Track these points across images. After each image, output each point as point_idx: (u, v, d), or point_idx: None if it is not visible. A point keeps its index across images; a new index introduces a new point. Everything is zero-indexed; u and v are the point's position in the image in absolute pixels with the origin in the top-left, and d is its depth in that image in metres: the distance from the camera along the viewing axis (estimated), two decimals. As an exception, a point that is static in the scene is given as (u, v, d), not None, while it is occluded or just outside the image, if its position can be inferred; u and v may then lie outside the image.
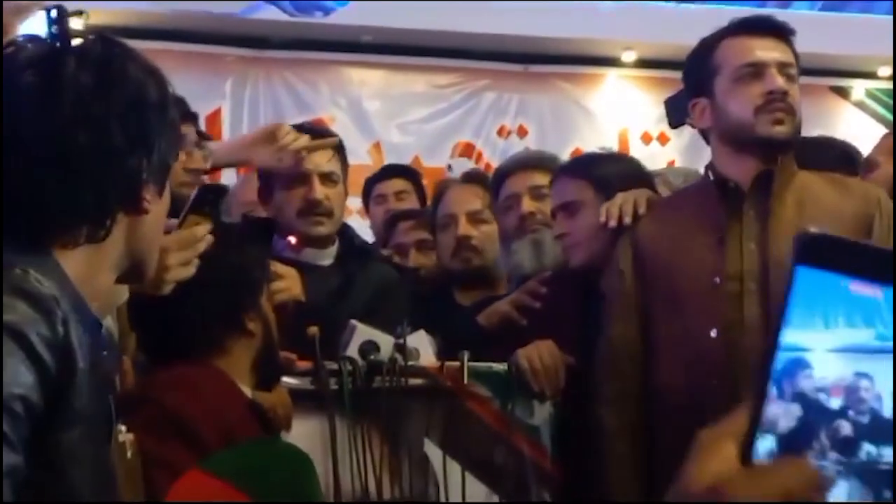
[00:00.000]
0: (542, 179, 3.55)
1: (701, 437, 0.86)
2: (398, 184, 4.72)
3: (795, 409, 0.86)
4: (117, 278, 1.78)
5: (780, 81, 2.83)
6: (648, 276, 2.88)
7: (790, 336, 0.87)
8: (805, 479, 0.82)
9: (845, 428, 0.85)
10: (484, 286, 3.64)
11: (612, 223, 2.96)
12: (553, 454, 3.15)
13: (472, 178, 3.92)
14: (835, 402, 0.86)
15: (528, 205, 3.55)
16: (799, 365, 0.87)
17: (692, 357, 2.76)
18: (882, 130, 7.26)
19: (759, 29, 2.91)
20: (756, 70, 2.84)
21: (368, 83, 7.63)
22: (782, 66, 2.86)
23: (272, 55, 7.43)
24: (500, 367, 3.13)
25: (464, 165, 6.77)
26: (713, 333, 2.73)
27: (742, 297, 2.75)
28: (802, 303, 0.88)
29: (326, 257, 3.39)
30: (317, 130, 3.57)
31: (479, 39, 7.49)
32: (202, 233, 2.32)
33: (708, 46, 2.94)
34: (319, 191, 3.31)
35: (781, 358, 0.86)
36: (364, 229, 5.37)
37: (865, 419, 0.85)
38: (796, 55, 2.93)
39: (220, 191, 2.58)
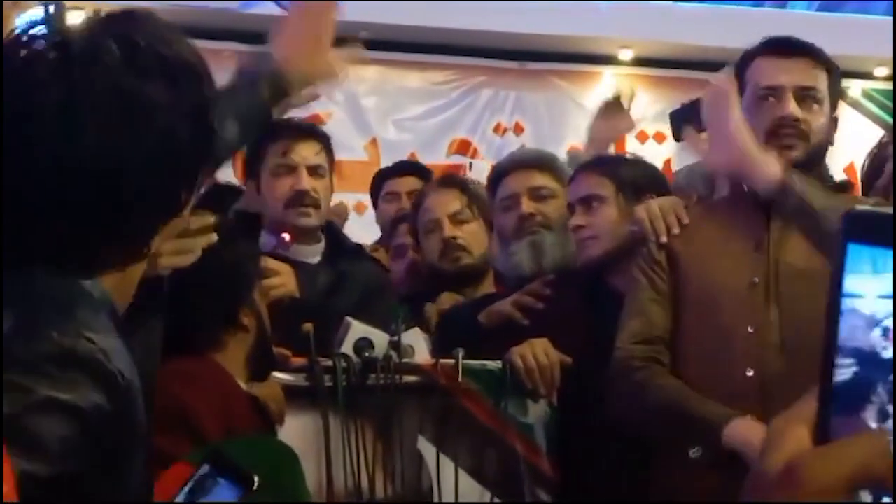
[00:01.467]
0: (541, 180, 3.55)
1: (773, 425, 0.86)
2: (411, 182, 4.63)
3: (854, 371, 0.87)
4: None
5: (791, 107, 2.85)
6: (681, 277, 2.90)
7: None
8: (881, 453, 0.81)
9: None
10: (470, 285, 3.64)
11: (663, 239, 2.94)
12: (550, 454, 3.15)
13: (448, 181, 3.92)
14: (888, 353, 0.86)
15: (527, 206, 3.53)
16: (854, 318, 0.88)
17: (726, 352, 2.80)
18: (878, 131, 7.27)
19: (782, 50, 2.93)
20: (772, 93, 2.88)
21: (365, 79, 7.62)
22: (802, 90, 2.88)
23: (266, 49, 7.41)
24: (494, 364, 3.13)
25: (484, 168, 6.76)
26: (750, 329, 2.78)
27: (769, 299, 2.80)
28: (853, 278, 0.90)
29: (314, 254, 3.41)
30: (304, 127, 3.57)
31: (477, 36, 7.48)
32: (199, 223, 2.32)
33: (743, 61, 2.98)
34: (307, 182, 3.33)
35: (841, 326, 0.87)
36: (358, 226, 5.37)
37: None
38: (830, 73, 2.94)
39: (235, 192, 2.54)
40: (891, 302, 0.87)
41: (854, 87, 8.18)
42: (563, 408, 3.14)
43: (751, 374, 2.76)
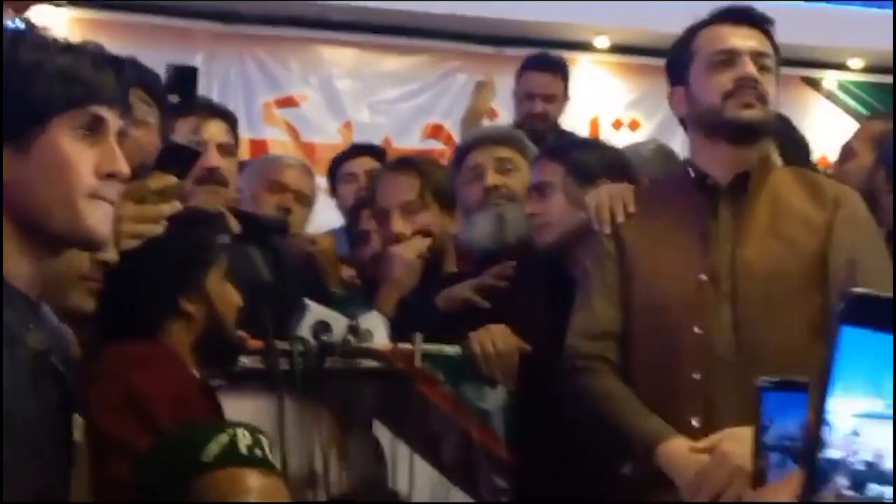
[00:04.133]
0: (507, 153, 3.54)
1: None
2: (367, 162, 4.65)
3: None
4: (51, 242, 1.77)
5: (751, 68, 2.81)
6: (630, 268, 2.85)
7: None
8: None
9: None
10: (426, 271, 3.52)
11: (607, 230, 2.90)
12: (507, 440, 3.14)
13: (400, 164, 3.78)
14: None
15: (492, 178, 3.52)
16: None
17: (674, 351, 2.74)
18: (852, 122, 7.27)
19: (737, 18, 2.90)
20: (729, 57, 2.83)
21: (340, 62, 7.59)
22: (757, 56, 2.84)
23: (243, 30, 7.37)
24: (452, 349, 3.12)
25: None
26: (697, 329, 2.71)
27: (718, 297, 2.74)
28: (847, 362, 0.96)
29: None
30: (213, 106, 3.61)
31: (453, 20, 7.45)
32: (160, 183, 2.31)
33: (687, 35, 2.94)
34: (216, 159, 3.35)
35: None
36: (330, 208, 5.35)
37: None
38: (776, 48, 2.92)
39: (193, 153, 2.52)
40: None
41: (829, 79, 8.19)
42: (521, 394, 3.13)
43: (697, 377, 2.68)
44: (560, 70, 5.51)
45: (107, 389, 2.30)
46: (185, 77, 3.50)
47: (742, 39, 2.85)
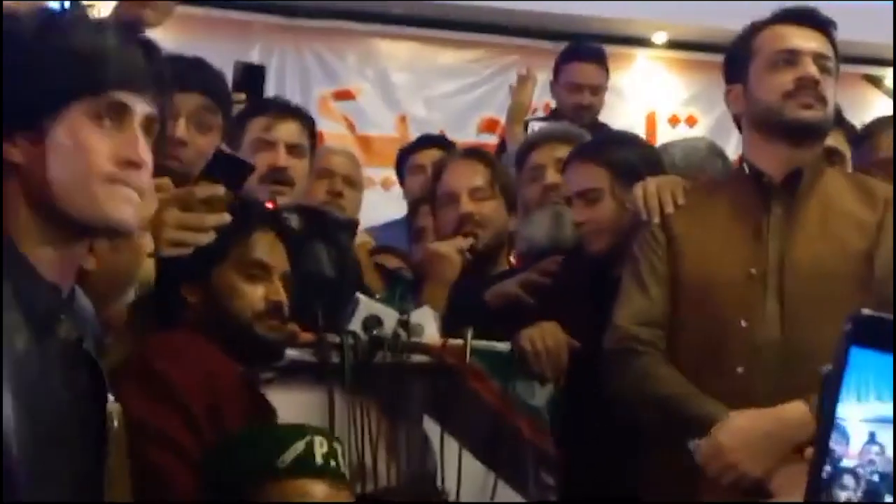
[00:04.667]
0: (567, 153, 3.51)
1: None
2: (435, 154, 4.63)
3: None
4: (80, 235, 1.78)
5: (812, 69, 2.82)
6: (678, 260, 2.86)
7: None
8: None
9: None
10: (484, 262, 3.56)
11: (655, 219, 2.91)
12: (555, 436, 3.13)
13: (473, 153, 3.85)
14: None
15: (552, 176, 3.55)
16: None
17: (718, 343, 2.76)
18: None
19: (800, 20, 2.91)
20: (790, 57, 2.84)
21: (396, 55, 7.59)
22: (817, 57, 2.85)
23: (301, 24, 7.40)
24: (502, 346, 3.11)
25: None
26: (743, 323, 2.73)
27: (765, 292, 2.75)
28: (853, 382, 1.03)
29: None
30: (288, 107, 3.56)
31: (510, 15, 7.44)
32: (207, 192, 2.30)
33: (747, 34, 2.95)
34: (284, 159, 3.33)
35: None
36: (385, 201, 5.36)
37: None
38: (836, 50, 2.92)
39: (245, 167, 2.49)
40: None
41: (890, 77, 8.09)
42: (571, 391, 3.12)
43: (741, 370, 2.72)
44: (604, 60, 5.45)
45: (139, 378, 2.32)
46: (253, 76, 3.55)
47: (804, 40, 2.85)
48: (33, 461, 1.64)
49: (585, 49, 5.57)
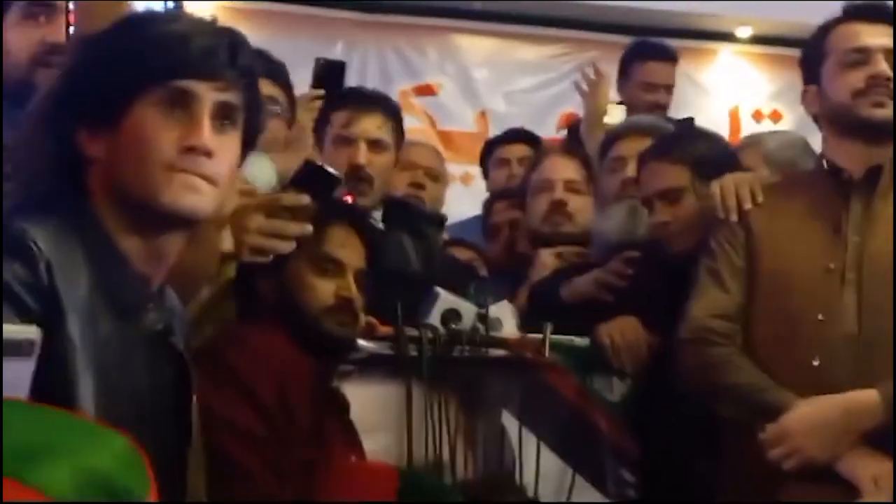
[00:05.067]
0: None
1: None
2: (521, 149, 4.66)
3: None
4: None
5: (883, 66, 2.80)
6: (757, 255, 2.85)
7: None
8: None
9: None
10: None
11: (733, 217, 2.89)
12: (634, 432, 3.11)
13: (571, 151, 3.92)
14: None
15: (633, 170, 3.51)
16: None
17: (794, 337, 2.74)
18: None
19: (870, 15, 2.88)
20: (862, 56, 2.82)
21: (476, 51, 7.59)
22: (890, 53, 2.82)
23: (382, 19, 7.43)
24: (581, 341, 3.10)
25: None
26: (820, 316, 2.72)
27: (843, 286, 2.73)
28: None
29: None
30: (371, 98, 3.55)
31: (590, 10, 7.40)
32: (292, 201, 2.31)
33: (820, 33, 2.93)
34: (364, 156, 3.31)
35: None
36: (465, 197, 5.36)
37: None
38: None
39: (333, 179, 2.49)
40: None
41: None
42: (650, 387, 3.10)
43: (816, 363, 2.70)
44: (676, 59, 5.40)
45: (212, 370, 2.32)
46: (333, 72, 3.54)
47: (875, 37, 2.83)
48: None
49: (659, 47, 5.52)
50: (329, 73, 3.59)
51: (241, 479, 2.29)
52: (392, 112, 3.45)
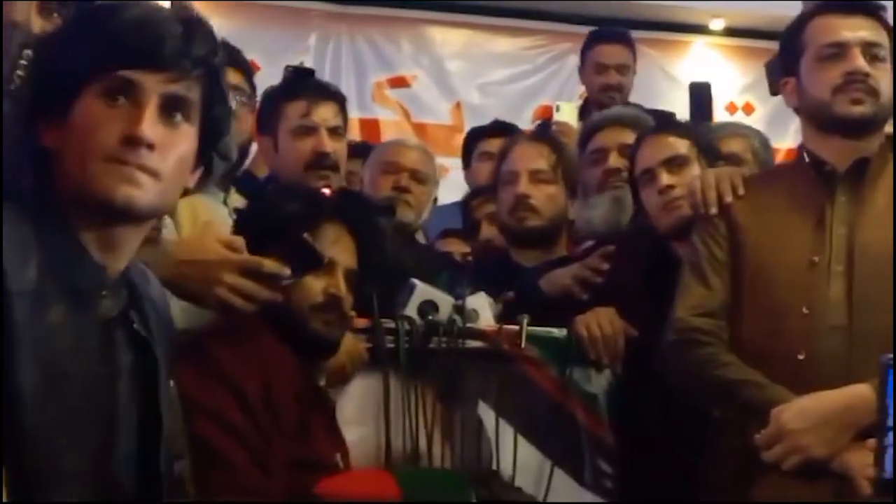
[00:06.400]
0: (631, 138, 3.46)
1: None
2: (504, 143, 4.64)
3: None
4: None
5: (860, 62, 2.78)
6: (740, 249, 2.84)
7: None
8: None
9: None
10: (540, 247, 3.54)
11: (713, 210, 2.88)
12: (612, 423, 3.12)
13: (539, 136, 3.85)
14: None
15: (614, 160, 3.52)
16: None
17: (779, 330, 2.74)
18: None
19: (847, 7, 2.87)
20: (838, 51, 2.80)
21: (451, 43, 7.59)
22: (868, 46, 2.81)
23: (356, 11, 7.41)
24: (559, 332, 3.10)
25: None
26: (804, 310, 2.71)
27: (829, 279, 2.73)
28: None
29: None
30: (323, 87, 3.57)
31: (565, 2, 7.42)
32: (273, 269, 2.35)
33: (797, 25, 2.91)
34: (328, 144, 3.33)
35: None
36: (440, 188, 5.33)
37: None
38: (891, 33, 2.87)
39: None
40: None
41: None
42: (628, 378, 3.10)
43: (802, 356, 2.69)
44: (630, 42, 5.41)
45: (195, 361, 2.31)
46: (307, 259, 3.46)
47: (852, 30, 2.81)
48: (52, 430, 1.64)
49: (609, 31, 5.58)
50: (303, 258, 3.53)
51: (224, 468, 2.28)
52: (342, 102, 3.51)
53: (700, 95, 4.68)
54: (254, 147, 3.75)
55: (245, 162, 3.68)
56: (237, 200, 3.18)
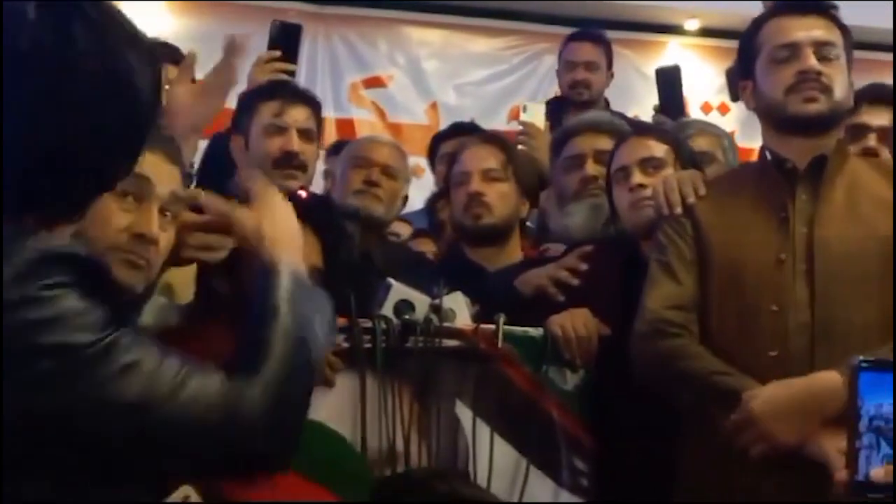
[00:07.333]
0: (608, 144, 3.49)
1: None
2: None
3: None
4: None
5: (812, 62, 2.81)
6: (706, 249, 2.87)
7: None
8: None
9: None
10: (495, 244, 3.62)
11: (677, 211, 2.92)
12: (586, 422, 3.13)
13: (489, 138, 3.89)
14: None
15: (591, 168, 3.54)
16: None
17: (750, 328, 2.76)
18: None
19: (799, 8, 2.90)
20: (790, 51, 2.83)
21: (427, 43, 7.61)
22: (819, 46, 2.84)
23: (333, 11, 7.42)
24: (535, 331, 3.11)
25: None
26: (773, 307, 2.74)
27: (794, 277, 2.76)
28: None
29: None
30: (298, 91, 3.61)
31: (541, 3, 7.44)
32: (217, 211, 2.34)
33: (752, 29, 2.95)
34: (297, 144, 3.38)
35: None
36: (415, 189, 5.34)
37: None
38: (845, 32, 2.90)
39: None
40: None
41: None
42: (601, 377, 3.12)
43: (774, 353, 2.72)
44: (601, 41, 5.46)
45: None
46: (289, 34, 3.61)
47: (804, 30, 2.85)
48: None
49: (582, 31, 5.64)
50: (285, 36, 3.65)
51: None
52: (318, 109, 3.56)
53: (668, 80, 4.69)
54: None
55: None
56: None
